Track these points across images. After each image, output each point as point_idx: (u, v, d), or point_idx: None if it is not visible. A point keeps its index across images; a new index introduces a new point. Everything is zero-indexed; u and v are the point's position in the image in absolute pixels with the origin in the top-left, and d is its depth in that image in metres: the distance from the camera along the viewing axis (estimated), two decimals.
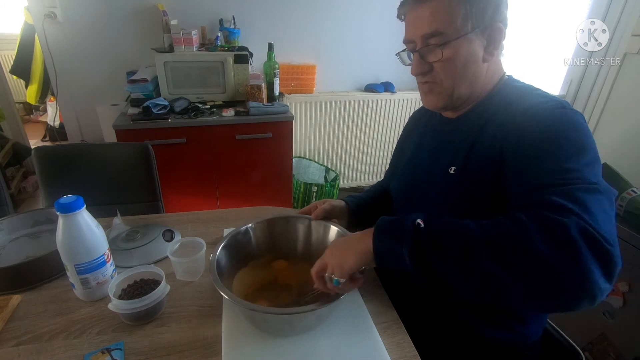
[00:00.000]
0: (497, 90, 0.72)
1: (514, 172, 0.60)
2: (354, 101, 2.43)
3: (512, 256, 0.48)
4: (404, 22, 0.72)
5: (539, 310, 0.71)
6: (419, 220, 0.55)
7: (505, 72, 0.75)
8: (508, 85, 0.72)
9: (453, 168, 0.71)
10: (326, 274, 0.63)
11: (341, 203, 0.91)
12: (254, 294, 0.76)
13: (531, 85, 0.72)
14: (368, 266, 0.62)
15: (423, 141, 0.84)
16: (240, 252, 0.82)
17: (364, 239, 0.61)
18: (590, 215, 0.48)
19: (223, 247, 0.77)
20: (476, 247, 0.50)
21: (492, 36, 0.67)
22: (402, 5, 0.70)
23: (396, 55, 0.77)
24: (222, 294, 0.64)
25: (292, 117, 1.92)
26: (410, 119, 0.96)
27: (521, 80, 0.75)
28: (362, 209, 0.93)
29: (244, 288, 0.78)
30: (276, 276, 0.82)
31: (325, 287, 0.64)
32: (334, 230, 0.83)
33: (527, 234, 0.47)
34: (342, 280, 0.61)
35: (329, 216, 0.86)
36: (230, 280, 0.77)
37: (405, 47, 0.74)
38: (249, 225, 0.85)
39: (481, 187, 0.66)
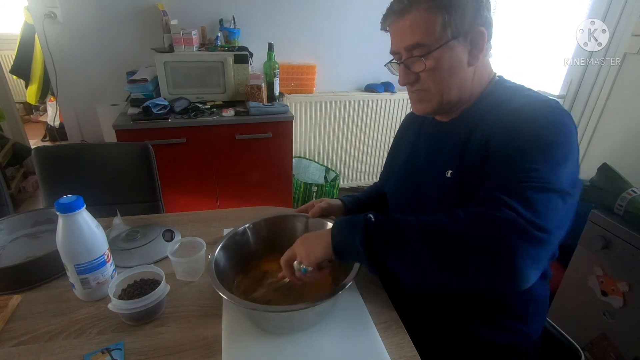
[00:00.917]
0: (488, 91, 0.73)
1: (489, 170, 0.62)
2: (354, 101, 2.43)
3: (442, 244, 0.54)
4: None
5: (469, 289, 0.72)
6: (370, 215, 0.61)
7: (495, 73, 0.76)
8: (499, 87, 0.73)
9: (450, 172, 0.71)
10: (295, 262, 0.67)
11: (338, 202, 0.92)
12: (257, 292, 0.77)
13: (522, 86, 0.72)
14: (334, 258, 0.65)
15: (417, 144, 0.85)
16: (239, 252, 0.82)
17: (327, 234, 0.65)
18: (529, 210, 0.51)
19: (221, 248, 0.77)
20: (412, 236, 0.55)
21: (475, 40, 0.68)
22: (384, 18, 0.72)
23: (385, 66, 0.78)
24: (221, 294, 0.64)
25: (292, 117, 1.92)
26: (403, 121, 0.97)
27: (515, 81, 0.75)
28: (358, 208, 0.94)
29: (248, 285, 0.79)
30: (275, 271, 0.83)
31: (292, 275, 0.68)
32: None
33: (460, 226, 0.54)
34: (310, 268, 0.65)
35: (326, 214, 0.88)
36: (230, 280, 0.77)
37: (392, 57, 0.75)
38: (247, 225, 0.85)
39: (477, 188, 0.66)
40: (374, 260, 0.59)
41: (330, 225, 0.84)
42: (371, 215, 0.61)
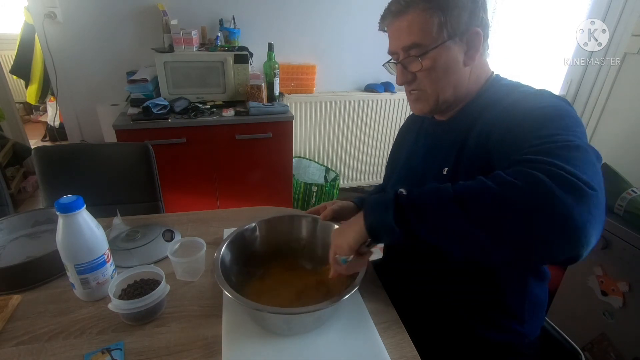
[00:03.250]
0: (484, 89, 0.73)
1: (499, 157, 0.60)
2: (354, 101, 2.43)
3: (486, 211, 0.48)
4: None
5: (527, 260, 0.62)
6: (401, 189, 0.57)
7: (493, 72, 0.76)
8: (495, 84, 0.73)
9: (446, 169, 0.72)
10: (336, 257, 0.66)
11: (350, 204, 0.92)
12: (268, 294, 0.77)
13: (518, 82, 0.73)
14: (370, 240, 0.62)
15: (417, 144, 0.85)
16: (247, 249, 0.82)
17: (359, 216, 0.62)
18: (564, 161, 0.47)
19: (229, 243, 0.78)
20: (450, 206, 0.51)
21: (471, 41, 0.68)
22: (382, 18, 0.73)
23: (383, 66, 0.79)
24: (224, 291, 0.64)
25: (292, 117, 1.92)
26: (406, 121, 0.98)
27: (512, 79, 0.75)
28: None
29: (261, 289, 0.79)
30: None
31: (341, 270, 0.66)
32: None
33: (507, 190, 0.48)
34: (350, 258, 0.64)
35: (337, 217, 0.87)
36: (236, 277, 0.77)
37: (390, 57, 0.76)
38: (257, 222, 0.85)
39: None
40: (412, 237, 0.55)
41: None
42: (402, 190, 0.57)
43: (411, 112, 0.91)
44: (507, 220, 0.47)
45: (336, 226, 0.84)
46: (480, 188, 0.50)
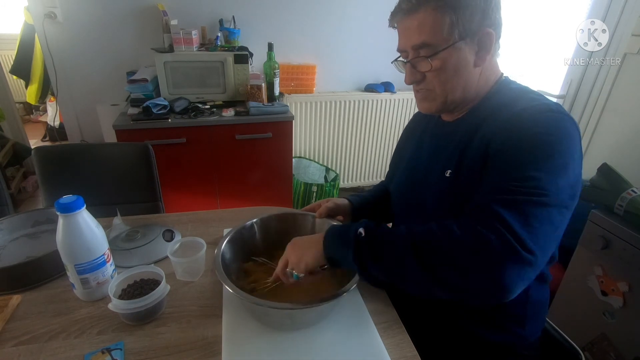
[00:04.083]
0: (493, 92, 0.72)
1: (487, 173, 0.62)
2: (354, 101, 2.43)
3: (433, 262, 0.55)
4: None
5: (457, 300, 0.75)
6: (360, 230, 0.63)
7: (502, 74, 0.75)
8: (504, 88, 0.72)
9: (449, 171, 0.71)
10: (287, 269, 0.69)
11: (345, 201, 0.92)
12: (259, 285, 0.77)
13: (527, 87, 0.72)
14: (327, 266, 0.68)
15: (422, 143, 0.85)
16: (245, 247, 0.83)
17: (318, 242, 0.67)
18: (524, 226, 0.52)
19: (228, 242, 0.78)
20: (404, 257, 0.57)
21: (482, 41, 0.67)
22: (392, 15, 0.71)
23: (392, 63, 0.78)
24: (227, 288, 0.65)
25: (292, 117, 1.92)
26: (411, 120, 0.97)
27: (519, 81, 0.75)
28: (365, 207, 0.94)
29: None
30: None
31: (288, 280, 0.70)
32: None
33: (452, 244, 0.54)
34: (301, 275, 0.68)
35: (332, 214, 0.88)
36: (235, 277, 0.77)
37: (400, 54, 0.75)
38: (254, 220, 0.86)
39: (474, 190, 0.66)
40: (364, 272, 0.62)
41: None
42: (361, 230, 0.62)
43: (416, 111, 0.91)
44: (451, 272, 0.54)
45: (332, 222, 0.85)
46: (433, 243, 0.56)
